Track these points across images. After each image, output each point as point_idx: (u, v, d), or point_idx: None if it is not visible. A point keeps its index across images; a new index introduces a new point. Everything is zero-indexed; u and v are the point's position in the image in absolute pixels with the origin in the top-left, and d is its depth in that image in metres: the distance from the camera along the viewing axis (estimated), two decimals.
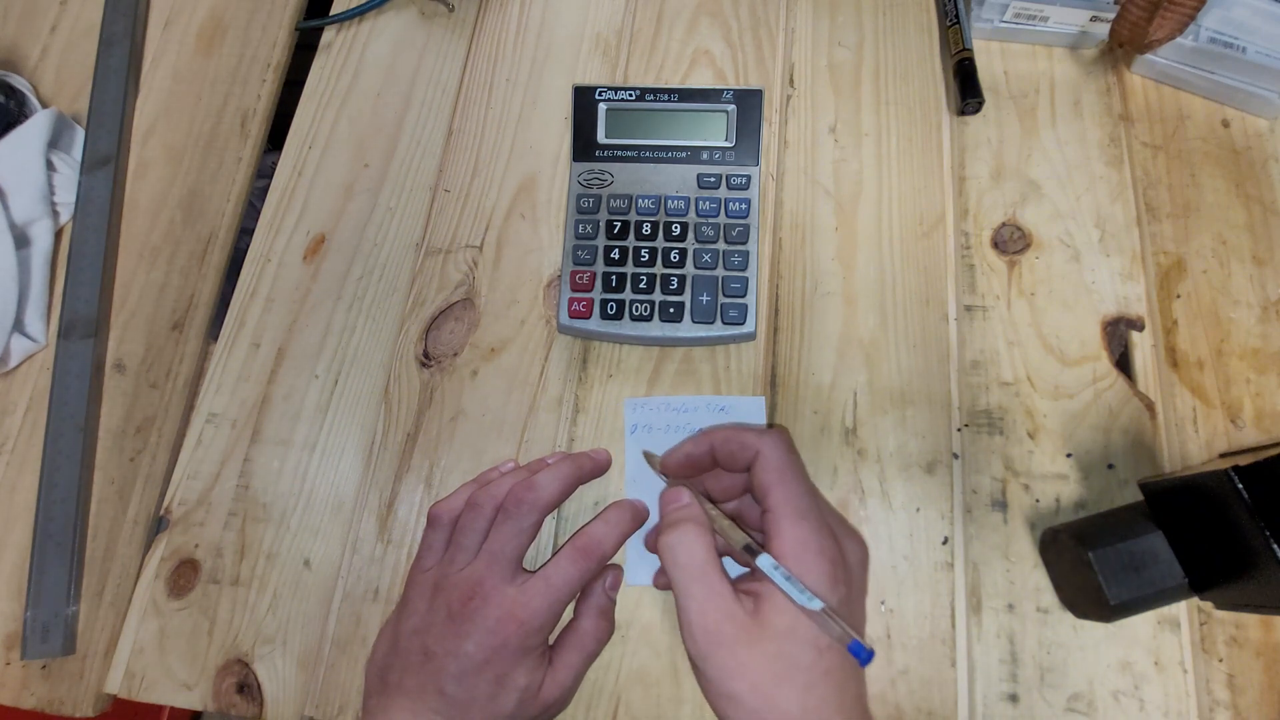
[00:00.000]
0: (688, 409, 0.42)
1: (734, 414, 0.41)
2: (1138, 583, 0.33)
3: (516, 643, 0.33)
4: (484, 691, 0.33)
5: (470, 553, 0.36)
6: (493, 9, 0.52)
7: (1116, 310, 0.42)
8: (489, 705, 0.33)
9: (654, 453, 0.40)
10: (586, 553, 0.36)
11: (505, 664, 0.33)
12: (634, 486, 0.41)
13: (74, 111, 0.50)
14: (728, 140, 0.44)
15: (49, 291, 0.46)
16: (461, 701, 0.33)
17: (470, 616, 0.34)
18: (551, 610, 0.34)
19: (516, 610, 0.34)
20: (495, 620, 0.34)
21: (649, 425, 0.41)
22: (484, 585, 0.34)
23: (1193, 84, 0.46)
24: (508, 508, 0.36)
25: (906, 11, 0.49)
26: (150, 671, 0.39)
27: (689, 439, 0.37)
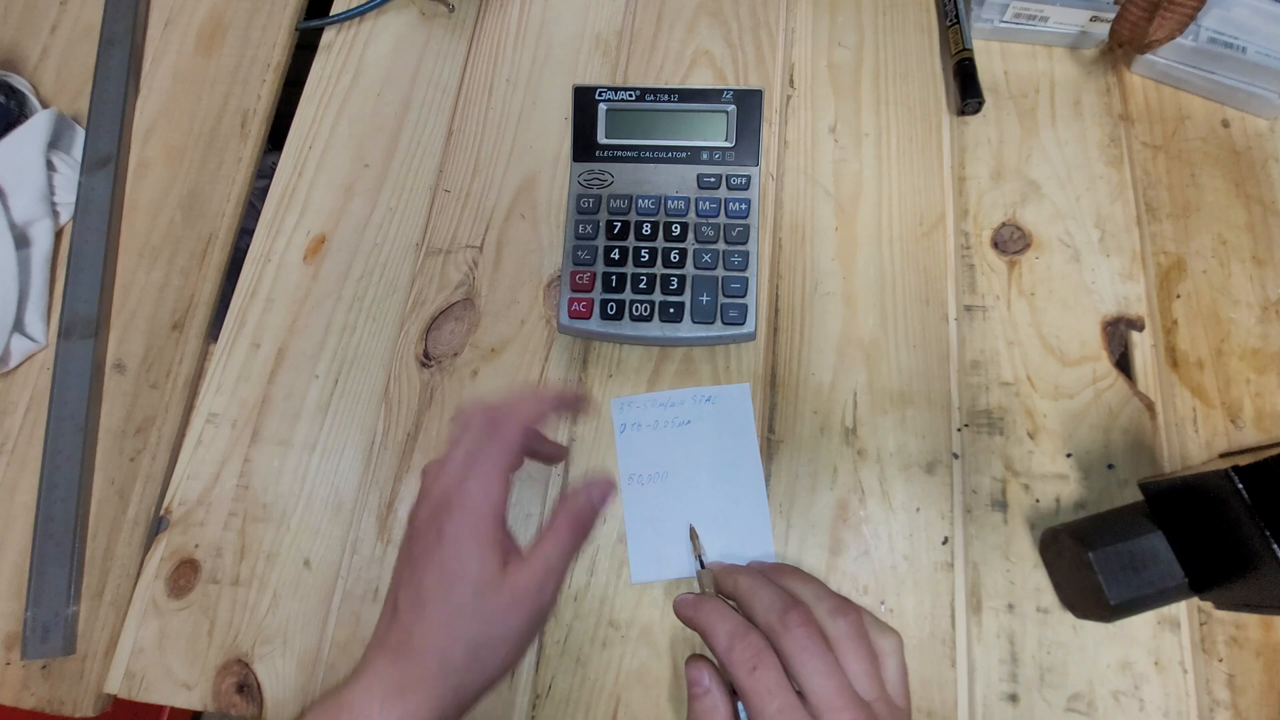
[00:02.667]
0: (674, 403, 0.42)
1: (720, 403, 0.42)
2: (1138, 583, 0.33)
3: (456, 529, 0.32)
4: (431, 586, 0.32)
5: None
6: (493, 9, 0.52)
7: (1116, 310, 0.42)
8: (441, 602, 0.32)
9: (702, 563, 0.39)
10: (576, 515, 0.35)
11: (450, 554, 0.32)
12: (630, 487, 0.41)
13: (74, 111, 0.50)
14: (728, 140, 0.44)
15: (49, 291, 0.46)
16: (410, 602, 0.32)
17: (412, 520, 0.34)
18: (487, 493, 0.33)
19: (453, 496, 0.32)
20: (432, 510, 0.33)
21: (637, 423, 0.42)
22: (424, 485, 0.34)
23: (1193, 84, 0.46)
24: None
25: (906, 11, 0.49)
26: (150, 671, 0.39)
27: (745, 574, 0.34)
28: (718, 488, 0.41)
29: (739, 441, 0.41)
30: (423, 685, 0.31)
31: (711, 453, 0.41)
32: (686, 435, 0.42)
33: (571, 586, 0.39)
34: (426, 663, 0.32)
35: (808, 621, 0.31)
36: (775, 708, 0.29)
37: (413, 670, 0.31)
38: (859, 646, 0.31)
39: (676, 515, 0.40)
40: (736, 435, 0.41)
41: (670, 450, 0.41)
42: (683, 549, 0.40)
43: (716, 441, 0.41)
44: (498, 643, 0.32)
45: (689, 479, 0.41)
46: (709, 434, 0.41)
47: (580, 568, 0.40)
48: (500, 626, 0.32)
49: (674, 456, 0.41)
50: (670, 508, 0.40)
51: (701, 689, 0.31)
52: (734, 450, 0.41)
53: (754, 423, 0.41)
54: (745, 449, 0.41)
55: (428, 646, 0.32)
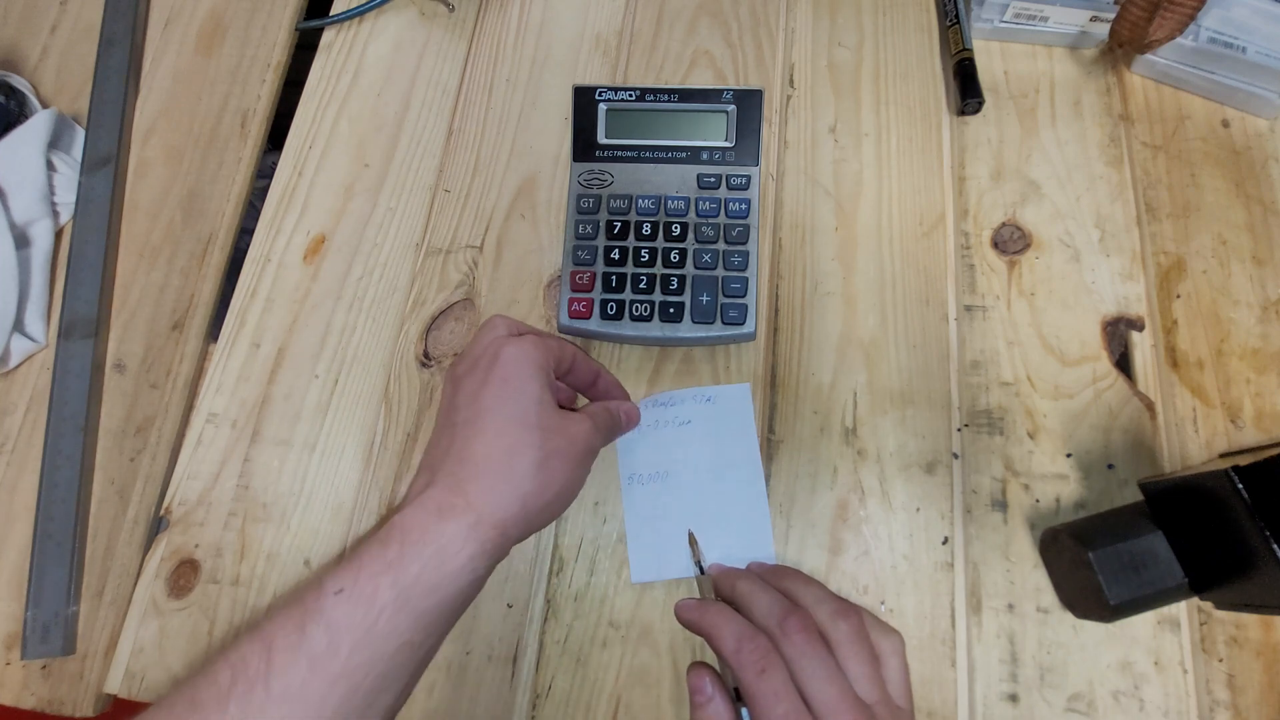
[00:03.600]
0: (674, 403, 0.42)
1: (720, 403, 0.42)
2: (1138, 583, 0.33)
3: (514, 354, 0.34)
4: (491, 399, 0.33)
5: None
6: (493, 9, 0.52)
7: (1116, 310, 0.42)
8: (502, 412, 0.33)
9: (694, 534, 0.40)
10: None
11: (510, 372, 0.33)
12: (631, 487, 0.41)
13: (74, 111, 0.50)
14: (728, 140, 0.44)
15: (49, 291, 0.46)
16: (468, 417, 0.33)
17: (454, 368, 0.36)
18: (540, 344, 0.35)
19: (507, 341, 0.35)
20: (483, 349, 0.35)
21: (639, 425, 0.42)
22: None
23: (1193, 84, 0.46)
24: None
25: (906, 11, 0.49)
26: (150, 671, 0.39)
27: (745, 578, 0.35)
28: (718, 488, 0.40)
29: (739, 441, 0.41)
30: (489, 494, 0.32)
31: (711, 453, 0.41)
32: (686, 435, 0.41)
33: (572, 586, 0.39)
34: (493, 472, 0.32)
35: (807, 626, 0.31)
36: (781, 711, 0.29)
37: (471, 488, 0.32)
38: (860, 649, 0.31)
39: (677, 515, 0.40)
40: (736, 435, 0.41)
41: (670, 450, 0.41)
42: (683, 549, 0.39)
43: (716, 442, 0.41)
44: (562, 457, 0.33)
45: (689, 479, 0.41)
46: (709, 434, 0.41)
47: (580, 568, 0.40)
48: (563, 440, 0.33)
49: (674, 456, 0.41)
50: (670, 508, 0.40)
51: (704, 696, 0.31)
52: (734, 450, 0.41)
53: (754, 423, 0.41)
54: (745, 449, 0.41)
55: (493, 452, 0.32)
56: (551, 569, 0.40)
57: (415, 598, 0.30)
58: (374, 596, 0.29)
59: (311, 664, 0.28)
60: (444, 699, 0.38)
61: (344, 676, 0.29)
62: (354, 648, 0.29)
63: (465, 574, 0.31)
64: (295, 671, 0.28)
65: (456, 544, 0.31)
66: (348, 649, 0.29)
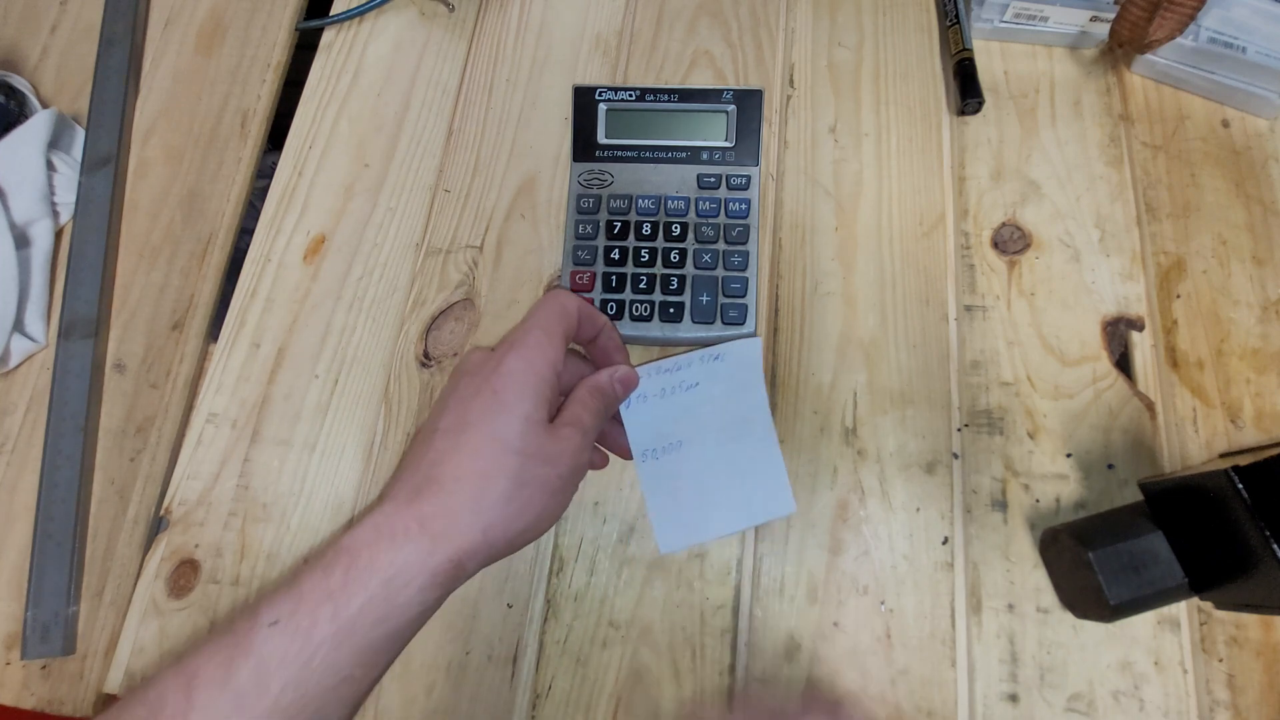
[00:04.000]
0: (680, 367, 0.41)
1: (729, 361, 0.41)
2: (1138, 583, 0.33)
3: (514, 364, 0.32)
4: (479, 411, 0.31)
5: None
6: (493, 9, 0.52)
7: (1116, 310, 0.42)
8: (487, 426, 0.30)
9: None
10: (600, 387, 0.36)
11: (505, 385, 0.32)
12: (645, 463, 0.40)
13: (74, 111, 0.50)
14: (728, 140, 0.44)
15: (49, 291, 0.46)
16: (452, 425, 0.31)
17: (459, 367, 0.35)
18: (547, 345, 0.33)
19: (515, 340, 0.33)
20: (488, 353, 0.33)
21: (642, 394, 0.41)
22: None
23: (1193, 84, 0.46)
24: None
25: (906, 11, 0.49)
26: (150, 671, 0.39)
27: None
28: (732, 449, 0.40)
29: (748, 397, 0.41)
30: (449, 519, 0.29)
31: (722, 413, 0.41)
32: (695, 399, 0.41)
33: (572, 586, 0.39)
34: (459, 494, 0.29)
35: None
36: None
37: (430, 510, 0.29)
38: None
39: (694, 481, 0.40)
40: (745, 391, 0.41)
41: (680, 418, 0.41)
42: (709, 512, 0.40)
43: (726, 401, 0.41)
44: (539, 485, 0.31)
45: (702, 444, 0.41)
46: (718, 394, 0.41)
47: (580, 568, 0.40)
48: (545, 468, 0.31)
49: (684, 424, 0.41)
50: (687, 475, 0.40)
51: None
52: (744, 406, 0.41)
53: (763, 376, 0.41)
54: (755, 404, 0.41)
55: (463, 473, 0.30)
56: (551, 569, 0.40)
57: (358, 631, 0.28)
58: (312, 630, 0.27)
59: (238, 703, 0.26)
60: (444, 699, 0.38)
61: (273, 715, 0.26)
62: (286, 685, 0.26)
63: (414, 606, 0.29)
64: (217, 712, 0.26)
65: (407, 574, 0.28)
66: (279, 686, 0.26)
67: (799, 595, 0.39)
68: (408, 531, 0.29)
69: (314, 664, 0.27)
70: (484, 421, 0.31)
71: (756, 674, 0.37)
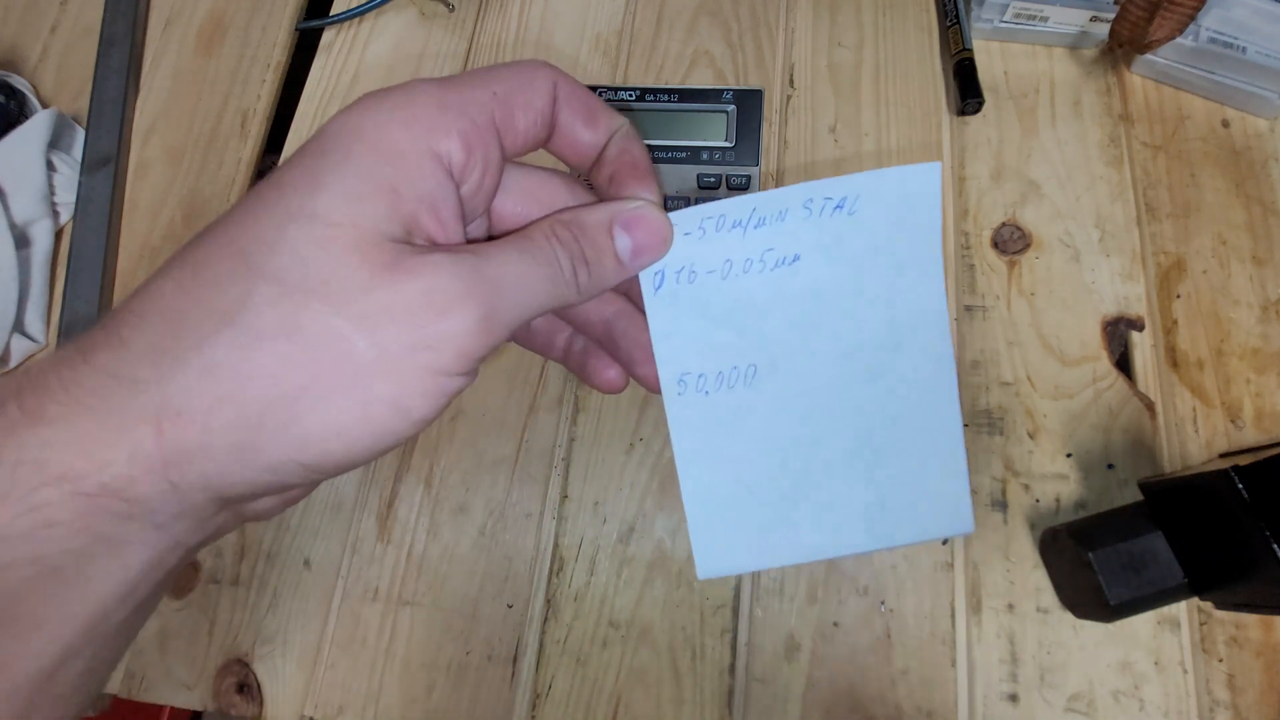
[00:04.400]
0: (765, 221, 0.22)
1: (873, 210, 0.23)
2: (1138, 583, 0.33)
3: (326, 141, 0.19)
4: (253, 199, 0.20)
5: None
6: (493, 9, 0.52)
7: (1116, 310, 0.42)
8: (243, 223, 0.20)
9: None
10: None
11: (313, 167, 0.19)
12: (683, 400, 0.23)
13: (74, 111, 0.50)
14: (728, 140, 0.44)
15: (49, 291, 0.46)
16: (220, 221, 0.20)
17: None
18: (438, 117, 0.19)
19: (375, 104, 0.20)
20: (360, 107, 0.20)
21: (689, 269, 0.22)
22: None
23: (1193, 84, 0.46)
24: None
25: (906, 11, 0.49)
26: (150, 671, 0.39)
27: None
28: (861, 391, 0.23)
29: (907, 287, 0.23)
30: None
31: (849, 319, 0.23)
32: (794, 285, 0.23)
33: (572, 586, 0.39)
34: (139, 342, 0.17)
35: None
36: None
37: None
38: None
39: (782, 445, 0.23)
40: (902, 274, 0.23)
41: (760, 319, 0.23)
42: (800, 511, 0.23)
43: (857, 295, 0.23)
44: (318, 351, 0.17)
45: (799, 376, 0.23)
46: (843, 279, 0.23)
47: (580, 568, 0.40)
48: (347, 324, 0.17)
49: (769, 332, 0.23)
50: (767, 433, 0.23)
51: None
52: (896, 307, 0.23)
53: (939, 243, 0.24)
54: (920, 304, 0.23)
55: (167, 307, 0.18)
56: (551, 569, 0.40)
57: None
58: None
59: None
60: (444, 699, 0.38)
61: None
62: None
63: (57, 546, 0.16)
64: None
65: (45, 474, 0.16)
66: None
67: (799, 595, 0.38)
68: (70, 404, 0.16)
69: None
70: (247, 218, 0.19)
71: (756, 674, 0.37)
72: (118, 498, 0.16)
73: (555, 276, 0.20)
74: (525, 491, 0.41)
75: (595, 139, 0.23)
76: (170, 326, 0.17)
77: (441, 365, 0.18)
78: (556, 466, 0.41)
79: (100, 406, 0.16)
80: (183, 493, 0.17)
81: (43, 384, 0.17)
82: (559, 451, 0.41)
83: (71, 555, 0.16)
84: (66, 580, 0.16)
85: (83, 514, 0.16)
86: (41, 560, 0.16)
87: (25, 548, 0.16)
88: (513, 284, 0.19)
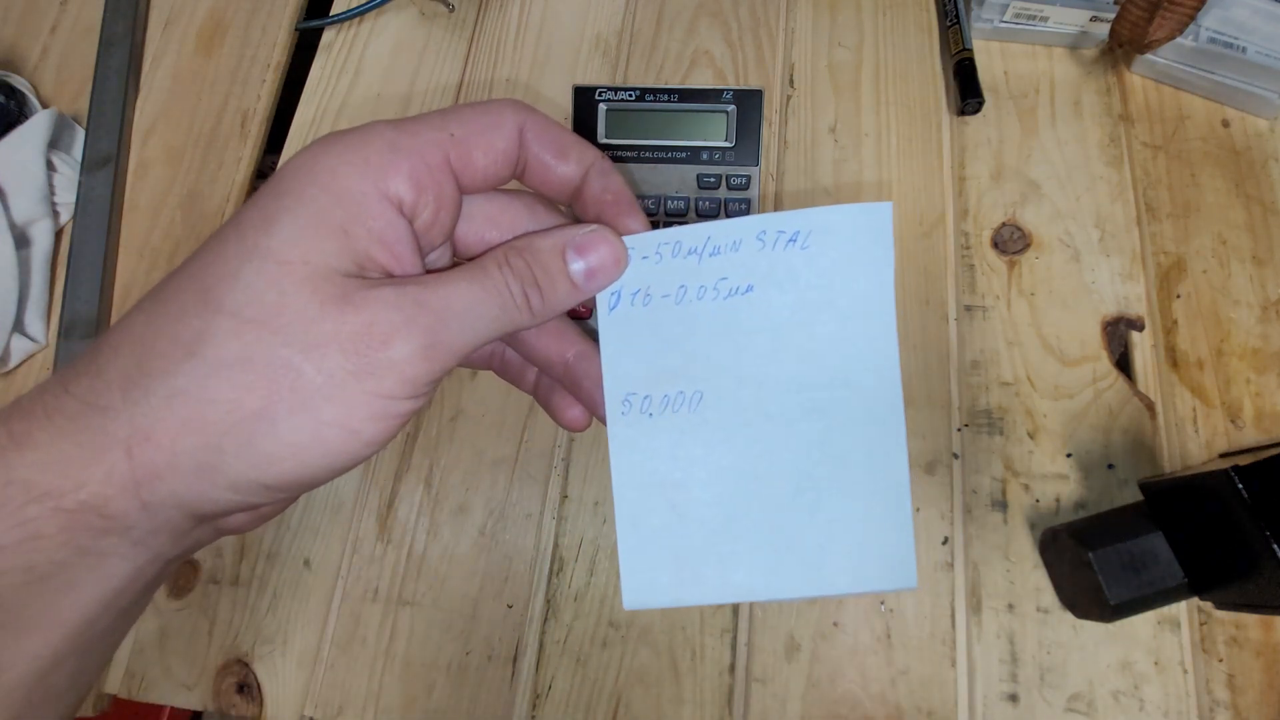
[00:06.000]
0: (722, 249, 0.22)
1: (824, 244, 0.22)
2: (1138, 583, 0.33)
3: (281, 184, 0.20)
4: (216, 241, 0.20)
5: None
6: (493, 9, 0.52)
7: (1116, 310, 0.42)
8: (206, 260, 0.20)
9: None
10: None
11: (266, 207, 0.20)
12: (626, 420, 0.23)
13: (74, 111, 0.50)
14: (728, 140, 0.44)
15: (49, 291, 0.46)
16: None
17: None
18: (388, 158, 0.21)
19: (328, 148, 0.21)
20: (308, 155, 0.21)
21: (644, 291, 0.23)
22: None
23: (1193, 84, 0.46)
24: None
25: (906, 11, 0.49)
26: (150, 671, 0.39)
27: None
28: (805, 426, 0.22)
29: (857, 324, 0.22)
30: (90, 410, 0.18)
31: (796, 350, 0.23)
32: (744, 314, 0.23)
33: (572, 586, 0.39)
34: (112, 370, 0.19)
35: None
36: None
37: (90, 384, 0.19)
38: None
39: (720, 475, 0.23)
40: (852, 311, 0.22)
41: (707, 346, 0.23)
42: (735, 546, 0.23)
43: (807, 328, 0.22)
44: (273, 378, 0.19)
45: (742, 405, 0.23)
46: (792, 311, 0.22)
47: (580, 568, 0.40)
48: (296, 354, 0.19)
49: (715, 359, 0.23)
50: (707, 460, 0.23)
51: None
52: (844, 344, 0.22)
53: (892, 281, 0.23)
54: (868, 343, 0.22)
55: (139, 339, 0.19)
56: (551, 569, 0.40)
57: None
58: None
59: None
60: (444, 699, 0.38)
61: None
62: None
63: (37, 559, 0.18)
64: None
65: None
66: None
67: None
68: (53, 426, 0.18)
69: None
70: (208, 256, 0.19)
71: (756, 674, 0.37)
72: (96, 514, 0.18)
73: (505, 303, 0.21)
74: (525, 491, 0.41)
75: (568, 172, 0.24)
76: (139, 357, 0.19)
77: (386, 390, 0.19)
78: (556, 466, 0.41)
79: (78, 432, 0.18)
80: (155, 510, 0.19)
81: (29, 412, 0.19)
82: (559, 451, 0.41)
83: (58, 565, 0.18)
84: (55, 588, 0.18)
85: (65, 528, 0.18)
86: (32, 569, 0.18)
87: (17, 557, 0.18)
88: (460, 312, 0.20)
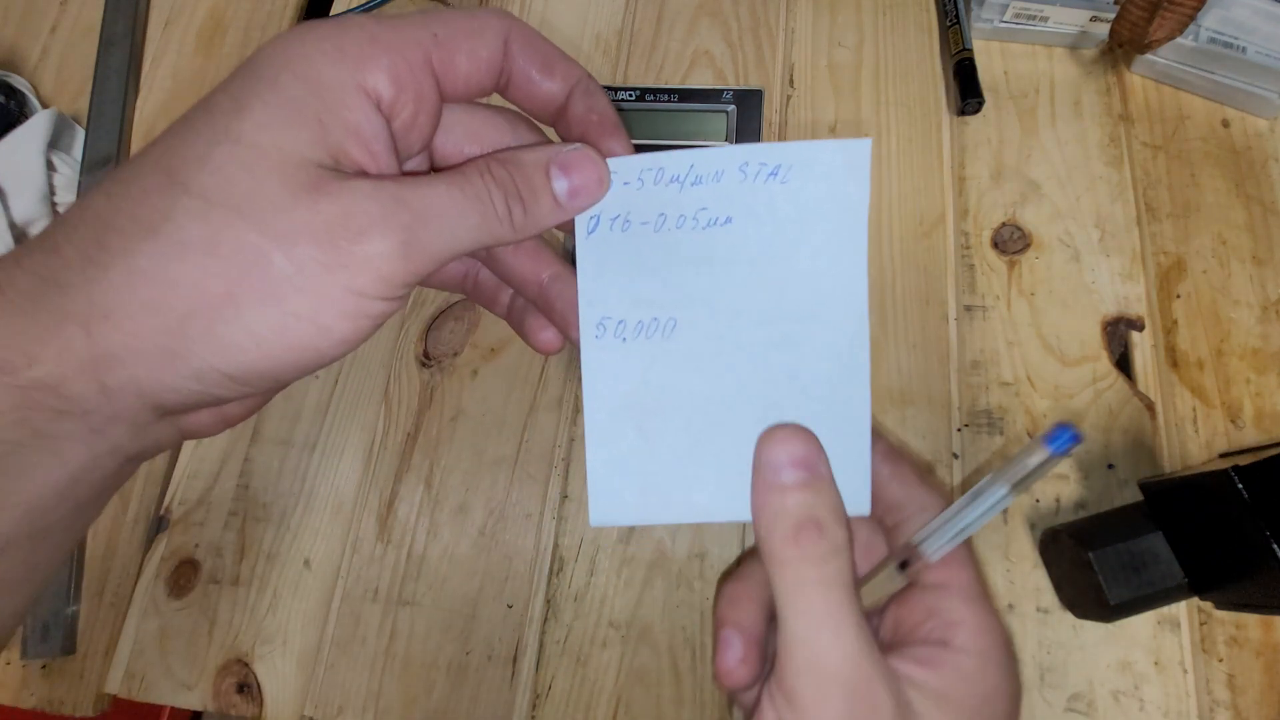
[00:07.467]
0: (702, 180, 0.23)
1: (801, 180, 0.23)
2: (1138, 583, 0.33)
3: (255, 66, 0.20)
4: (185, 121, 0.19)
5: None
6: None
7: (1116, 310, 0.42)
8: (173, 141, 0.19)
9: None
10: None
11: (236, 90, 0.19)
12: (600, 343, 0.24)
13: (74, 111, 0.50)
14: (728, 140, 0.44)
15: None
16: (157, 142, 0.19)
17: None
18: (365, 48, 0.20)
19: (304, 38, 0.20)
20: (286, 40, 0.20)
21: (624, 216, 0.23)
22: None
23: (1193, 84, 0.46)
24: None
25: (906, 11, 0.49)
26: (150, 671, 0.39)
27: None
28: (775, 357, 0.23)
29: (828, 260, 0.23)
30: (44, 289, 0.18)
31: (769, 284, 0.23)
32: (721, 245, 0.23)
33: (572, 586, 0.39)
34: (69, 250, 0.18)
35: None
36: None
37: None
38: None
39: (690, 401, 0.23)
40: (824, 247, 0.23)
41: (684, 274, 0.23)
42: (702, 470, 0.23)
43: (780, 262, 0.23)
44: (246, 300, 0.18)
45: (717, 334, 0.23)
46: (769, 244, 0.23)
47: (580, 568, 0.40)
48: (269, 241, 0.18)
49: (690, 288, 0.23)
50: (678, 386, 0.23)
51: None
52: (816, 279, 0.23)
53: (865, 219, 0.23)
54: (839, 278, 0.23)
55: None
56: (551, 569, 0.40)
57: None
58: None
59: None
60: (444, 699, 0.38)
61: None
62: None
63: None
64: None
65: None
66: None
67: None
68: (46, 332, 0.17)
69: None
70: (174, 139, 0.19)
71: None
72: (53, 394, 0.17)
73: (487, 212, 0.21)
74: (525, 491, 0.41)
75: (553, 88, 0.23)
76: (98, 235, 0.18)
77: (359, 286, 0.19)
78: (556, 466, 0.41)
79: (30, 306, 0.17)
80: (114, 395, 0.18)
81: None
82: (559, 451, 0.41)
83: (11, 445, 0.17)
84: (7, 470, 0.17)
85: (18, 406, 0.17)
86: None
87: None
88: (439, 215, 0.20)
